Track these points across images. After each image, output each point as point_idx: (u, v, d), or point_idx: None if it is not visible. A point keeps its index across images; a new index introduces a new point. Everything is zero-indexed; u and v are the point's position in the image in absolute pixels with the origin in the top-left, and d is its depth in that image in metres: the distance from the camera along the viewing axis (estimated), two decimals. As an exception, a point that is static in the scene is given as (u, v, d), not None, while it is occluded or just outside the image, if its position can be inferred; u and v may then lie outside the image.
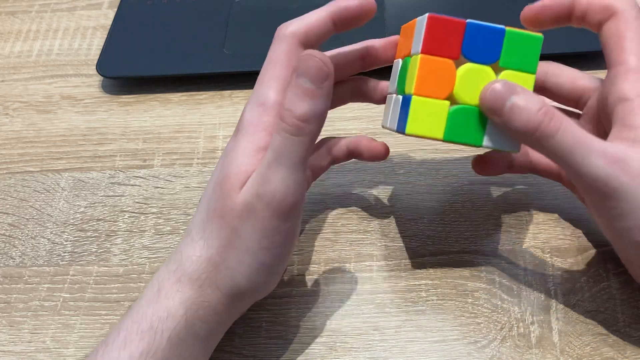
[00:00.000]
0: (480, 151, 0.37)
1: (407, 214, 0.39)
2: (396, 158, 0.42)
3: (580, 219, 0.38)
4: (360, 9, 0.31)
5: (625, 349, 0.33)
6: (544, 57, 0.35)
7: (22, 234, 0.41)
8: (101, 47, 0.51)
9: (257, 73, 0.53)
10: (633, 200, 0.27)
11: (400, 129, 0.30)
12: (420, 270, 0.36)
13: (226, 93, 0.48)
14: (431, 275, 0.36)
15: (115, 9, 0.54)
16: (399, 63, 0.33)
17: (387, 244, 0.38)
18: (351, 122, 0.44)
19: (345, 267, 0.37)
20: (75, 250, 0.39)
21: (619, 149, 0.27)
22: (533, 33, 0.30)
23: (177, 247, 0.31)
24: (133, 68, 0.48)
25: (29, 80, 0.51)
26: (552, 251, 0.37)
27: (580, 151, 0.27)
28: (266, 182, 0.28)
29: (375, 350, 0.34)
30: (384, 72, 0.36)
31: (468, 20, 0.29)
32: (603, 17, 0.30)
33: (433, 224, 0.38)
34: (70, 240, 0.40)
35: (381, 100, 0.36)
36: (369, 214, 0.39)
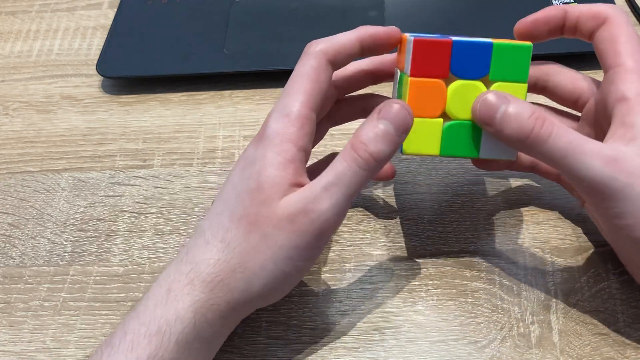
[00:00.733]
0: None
1: (407, 214, 0.39)
2: (396, 158, 0.42)
3: (580, 219, 0.38)
4: (387, 37, 0.32)
5: (625, 349, 0.33)
6: (544, 58, 0.36)
7: (22, 234, 0.41)
8: (101, 47, 0.51)
9: (257, 73, 0.53)
10: (631, 198, 0.27)
11: (399, 149, 0.31)
12: (420, 270, 0.36)
13: (226, 93, 0.48)
14: (431, 275, 0.36)
15: (115, 9, 0.54)
16: (397, 73, 0.34)
17: (387, 244, 0.38)
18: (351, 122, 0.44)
19: (345, 267, 0.37)
20: (75, 250, 0.39)
21: (614, 149, 0.28)
22: (521, 43, 0.30)
23: (187, 249, 0.30)
24: (133, 68, 0.48)
25: (29, 80, 0.51)
26: (552, 251, 0.37)
27: (575, 154, 0.27)
28: (318, 201, 0.29)
29: (375, 350, 0.34)
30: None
31: (454, 39, 0.30)
32: (595, 25, 0.31)
33: (433, 224, 0.38)
34: (70, 240, 0.40)
35: None
36: (369, 214, 0.39)
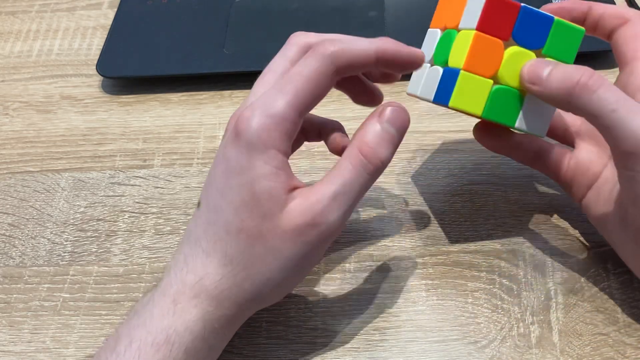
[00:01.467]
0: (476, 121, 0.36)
1: (407, 214, 0.39)
2: (396, 158, 0.42)
3: (580, 219, 0.38)
4: (409, 58, 0.30)
5: (625, 349, 0.33)
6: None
7: (22, 234, 0.41)
8: (101, 47, 0.51)
9: (258, 73, 0.53)
10: None
11: (441, 101, 0.32)
12: (420, 270, 0.36)
13: (226, 93, 0.48)
14: (431, 275, 0.36)
15: (115, 9, 0.54)
16: (436, 33, 0.34)
17: (387, 244, 0.38)
18: (351, 122, 0.44)
19: (345, 267, 0.37)
20: (75, 250, 0.39)
21: None
22: (577, 26, 0.32)
23: (184, 256, 0.29)
24: (133, 68, 0.49)
25: (29, 80, 0.51)
26: (552, 251, 0.37)
27: (624, 109, 0.27)
28: (326, 214, 0.28)
29: (375, 350, 0.34)
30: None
31: (522, 4, 0.31)
32: (617, 24, 0.33)
33: (433, 224, 0.38)
34: (70, 240, 0.40)
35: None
36: (369, 214, 0.39)
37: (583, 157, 0.35)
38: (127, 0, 0.54)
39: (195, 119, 0.46)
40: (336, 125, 0.35)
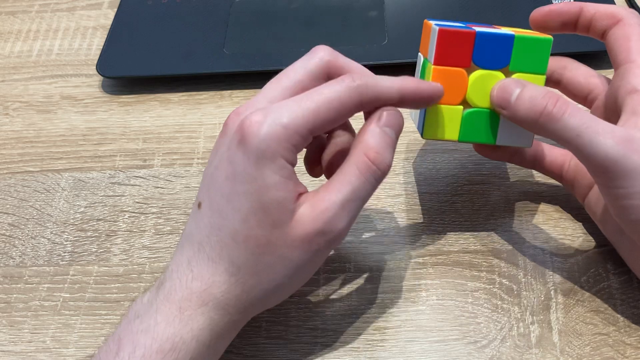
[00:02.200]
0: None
1: (407, 214, 0.39)
2: (396, 158, 0.42)
3: (580, 219, 0.38)
4: (429, 94, 0.30)
5: (625, 349, 0.33)
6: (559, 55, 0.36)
7: (22, 234, 0.41)
8: (101, 47, 0.51)
9: (257, 73, 0.52)
10: None
11: (419, 131, 0.33)
12: (420, 270, 0.36)
13: (226, 93, 0.48)
14: (431, 275, 0.36)
15: (115, 9, 0.54)
16: (420, 59, 0.35)
17: (387, 243, 0.38)
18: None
19: (345, 267, 0.37)
20: (75, 250, 0.39)
21: (628, 131, 0.28)
22: (542, 36, 0.31)
23: (188, 260, 0.29)
24: (133, 68, 0.48)
25: (29, 80, 0.51)
26: (552, 251, 0.37)
27: (589, 132, 0.28)
28: (336, 222, 0.28)
29: (375, 350, 0.34)
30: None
31: (477, 30, 0.31)
32: (609, 24, 0.32)
33: (433, 224, 0.38)
34: (70, 240, 0.40)
35: None
36: (368, 214, 0.39)
37: None
38: (127, 0, 0.54)
39: (195, 119, 0.46)
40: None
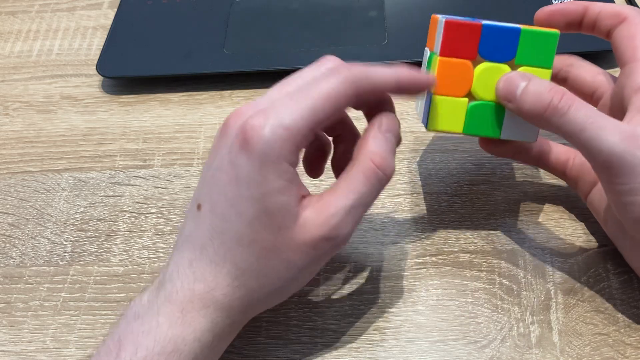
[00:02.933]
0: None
1: (407, 214, 0.39)
2: (397, 158, 0.42)
3: (580, 220, 0.38)
4: (425, 83, 0.31)
5: (625, 349, 0.33)
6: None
7: (22, 234, 0.41)
8: (101, 47, 0.51)
9: (257, 73, 0.52)
10: None
11: (424, 124, 0.33)
12: (420, 270, 0.36)
13: (226, 93, 0.48)
14: (431, 275, 0.36)
15: (115, 9, 0.54)
16: (427, 53, 0.35)
17: (387, 244, 0.38)
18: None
19: (345, 267, 0.37)
20: (75, 250, 0.39)
21: (633, 127, 0.28)
22: (549, 30, 0.31)
23: (189, 262, 0.29)
24: (133, 68, 0.48)
25: (29, 80, 0.51)
26: (552, 251, 0.37)
27: (594, 127, 0.28)
28: (341, 227, 0.29)
29: (375, 350, 0.34)
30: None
31: (484, 22, 0.31)
32: (614, 23, 0.32)
33: (433, 224, 0.38)
34: (70, 240, 0.40)
35: None
36: (369, 214, 0.39)
37: None
38: (127, 0, 0.54)
39: (195, 119, 0.46)
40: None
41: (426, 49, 0.35)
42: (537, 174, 0.40)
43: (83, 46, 0.53)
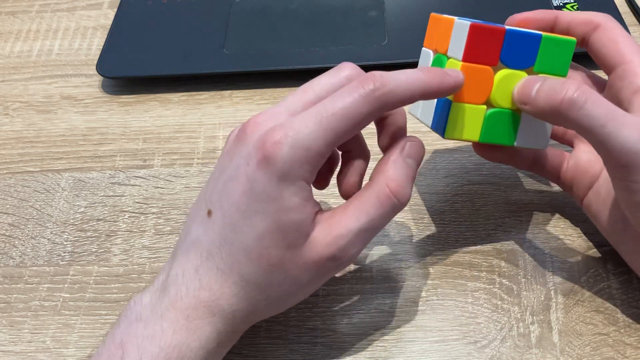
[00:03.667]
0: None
1: (407, 214, 0.39)
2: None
3: (580, 219, 0.38)
4: (452, 88, 0.29)
5: (625, 349, 0.33)
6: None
7: (22, 234, 0.41)
8: (101, 47, 0.51)
9: (257, 73, 0.52)
10: None
11: (437, 131, 0.32)
12: (420, 270, 0.36)
13: (226, 93, 0.48)
14: (431, 275, 0.36)
15: (115, 9, 0.54)
16: (429, 54, 0.34)
17: (387, 244, 0.38)
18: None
19: (345, 267, 0.37)
20: (75, 250, 0.39)
21: None
22: (567, 38, 0.31)
23: (195, 268, 0.29)
24: (133, 68, 0.49)
25: (29, 80, 0.51)
26: (552, 251, 0.37)
27: (613, 123, 0.27)
28: (349, 249, 0.29)
29: (375, 350, 0.34)
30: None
31: (507, 27, 0.30)
32: (587, 30, 0.32)
33: (433, 224, 0.38)
34: (70, 240, 0.40)
35: None
36: (369, 214, 0.39)
37: (582, 158, 0.35)
38: (127, 0, 0.54)
39: (195, 119, 0.46)
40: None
41: (424, 48, 0.35)
42: (537, 175, 0.40)
43: (83, 46, 0.53)
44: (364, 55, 0.47)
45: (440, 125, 0.32)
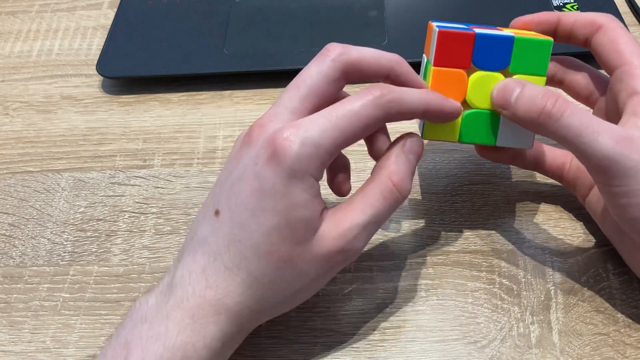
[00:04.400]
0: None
1: (407, 214, 0.39)
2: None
3: (580, 219, 0.38)
4: (451, 115, 0.31)
5: (625, 349, 0.33)
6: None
7: (22, 234, 0.41)
8: (101, 47, 0.51)
9: (257, 73, 0.52)
10: None
11: (420, 133, 0.32)
12: (420, 270, 0.36)
13: (226, 93, 0.48)
14: (431, 275, 0.36)
15: (115, 9, 0.54)
16: (424, 60, 0.35)
17: (387, 244, 0.38)
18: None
19: (345, 267, 0.37)
20: (76, 250, 0.39)
21: (627, 130, 0.28)
22: (542, 38, 0.31)
23: (202, 268, 0.29)
24: (133, 68, 0.49)
25: (29, 80, 0.51)
26: (552, 251, 0.37)
27: (589, 131, 0.28)
28: (356, 242, 0.29)
29: (375, 350, 0.34)
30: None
31: (477, 31, 0.31)
32: (590, 31, 0.33)
33: (433, 224, 0.38)
34: (70, 240, 0.40)
35: None
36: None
37: None
38: (127, 0, 0.54)
39: (195, 119, 0.46)
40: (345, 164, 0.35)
41: (424, 55, 0.35)
42: (537, 174, 0.40)
43: (83, 46, 0.53)
44: (364, 55, 0.47)
45: (420, 126, 0.33)
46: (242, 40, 0.49)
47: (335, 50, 0.30)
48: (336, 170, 0.34)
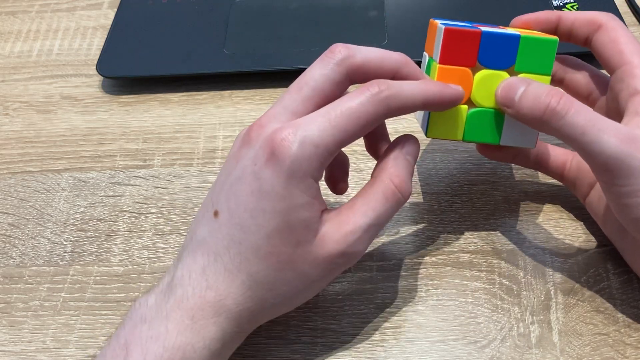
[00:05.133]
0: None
1: (407, 214, 0.39)
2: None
3: (580, 219, 0.38)
4: (452, 101, 0.30)
5: (625, 349, 0.33)
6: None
7: (22, 234, 0.41)
8: (101, 47, 0.51)
9: (257, 73, 0.52)
10: None
11: (424, 131, 0.33)
12: (420, 270, 0.36)
13: (226, 93, 0.48)
14: (431, 275, 0.36)
15: (115, 9, 0.54)
16: (426, 58, 0.35)
17: (387, 244, 0.38)
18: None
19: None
20: (76, 250, 0.39)
21: (631, 129, 0.28)
22: (548, 37, 0.31)
23: (202, 269, 0.29)
24: (133, 68, 0.49)
25: (29, 80, 0.51)
26: (552, 251, 0.37)
27: (594, 130, 0.28)
28: (358, 245, 0.29)
29: (375, 350, 0.34)
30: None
31: (483, 29, 0.31)
32: (590, 30, 0.32)
33: (433, 224, 0.38)
34: (70, 240, 0.40)
35: None
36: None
37: None
38: (127, 0, 0.54)
39: (195, 119, 0.46)
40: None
41: (425, 53, 0.35)
42: (537, 174, 0.40)
43: (83, 46, 0.53)
44: (364, 55, 0.47)
45: (424, 124, 0.33)
46: (242, 40, 0.49)
47: (340, 52, 0.30)
48: (334, 168, 0.34)
